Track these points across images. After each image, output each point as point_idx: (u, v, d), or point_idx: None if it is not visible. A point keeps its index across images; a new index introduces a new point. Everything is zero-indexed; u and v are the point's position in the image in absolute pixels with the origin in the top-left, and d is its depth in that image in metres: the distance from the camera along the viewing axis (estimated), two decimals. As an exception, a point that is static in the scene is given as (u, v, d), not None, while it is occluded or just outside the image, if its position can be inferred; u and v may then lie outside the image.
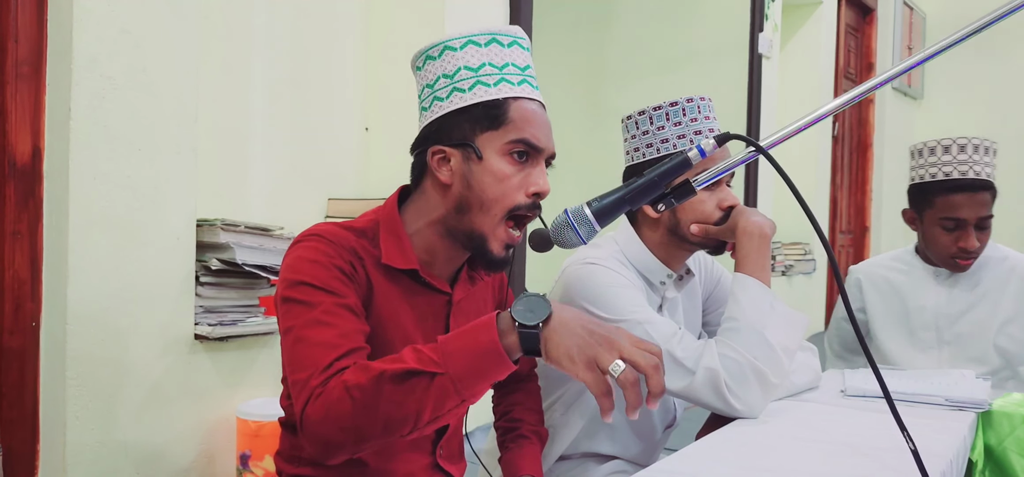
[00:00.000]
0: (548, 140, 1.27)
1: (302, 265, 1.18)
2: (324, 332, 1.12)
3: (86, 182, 1.83)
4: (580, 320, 1.06)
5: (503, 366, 1.05)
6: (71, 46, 1.80)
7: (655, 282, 1.66)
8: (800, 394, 1.70)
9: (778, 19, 5.03)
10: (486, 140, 1.23)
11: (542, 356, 1.05)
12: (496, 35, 1.25)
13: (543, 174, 1.26)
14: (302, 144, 2.67)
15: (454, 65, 1.24)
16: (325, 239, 1.20)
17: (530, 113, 1.25)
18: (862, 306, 2.29)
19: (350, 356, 1.11)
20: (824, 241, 0.98)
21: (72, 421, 1.83)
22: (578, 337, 1.03)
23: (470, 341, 1.05)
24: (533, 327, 1.04)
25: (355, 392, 1.05)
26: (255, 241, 2.19)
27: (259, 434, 2.13)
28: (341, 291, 1.17)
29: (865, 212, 6.78)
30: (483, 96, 1.23)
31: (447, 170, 1.25)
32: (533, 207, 1.26)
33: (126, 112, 1.90)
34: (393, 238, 1.27)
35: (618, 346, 1.02)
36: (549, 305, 1.05)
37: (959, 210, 2.07)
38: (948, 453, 1.30)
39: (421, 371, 1.04)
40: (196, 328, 2.08)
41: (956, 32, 1.00)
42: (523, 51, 1.29)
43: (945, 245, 2.11)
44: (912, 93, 7.38)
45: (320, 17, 2.74)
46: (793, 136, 1.10)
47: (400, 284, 1.26)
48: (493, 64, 1.24)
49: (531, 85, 1.28)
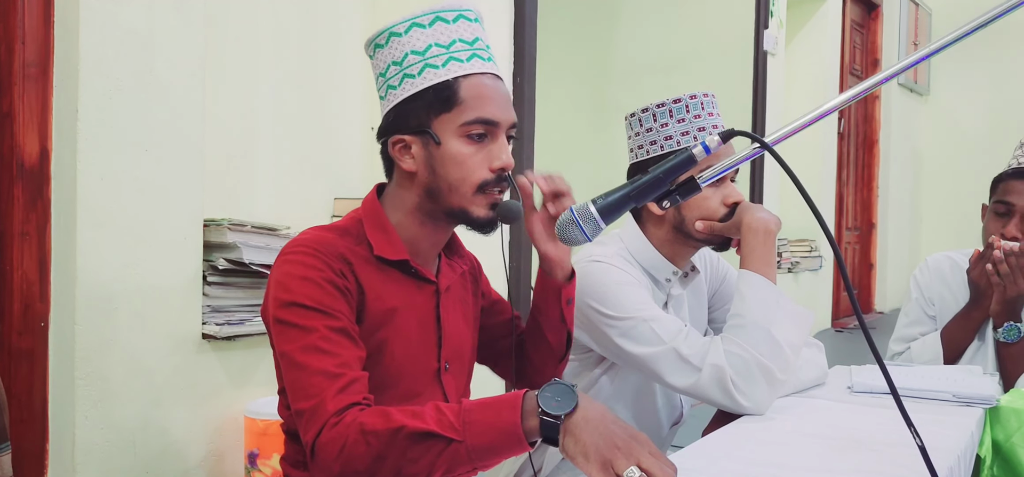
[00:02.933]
0: (504, 112, 1.26)
1: (293, 283, 1.18)
2: (323, 360, 1.13)
3: (94, 183, 1.84)
4: (604, 420, 1.05)
5: (520, 446, 1.06)
6: (78, 47, 1.81)
7: (660, 279, 1.66)
8: (807, 390, 1.70)
9: (783, 16, 5.02)
10: (441, 123, 1.23)
11: (559, 447, 1.05)
12: (439, 13, 1.24)
13: (505, 148, 1.26)
14: (308, 144, 2.67)
15: (401, 51, 1.24)
16: (312, 250, 1.20)
17: (482, 88, 1.24)
18: (931, 297, 2.17)
19: (353, 386, 1.13)
20: (830, 238, 0.98)
21: (81, 420, 1.84)
22: (599, 436, 1.03)
23: (492, 416, 1.06)
24: (555, 418, 1.04)
25: (371, 439, 1.07)
26: (262, 240, 2.20)
27: (267, 433, 2.14)
28: (335, 310, 1.17)
29: (871, 208, 6.76)
30: (432, 79, 1.22)
31: (409, 158, 1.26)
32: (500, 181, 1.26)
33: (133, 113, 1.90)
34: (380, 231, 1.27)
35: (637, 454, 1.01)
36: (576, 398, 1.05)
37: (1010, 194, 2.00)
38: (956, 449, 1.30)
39: (439, 435, 1.06)
40: (203, 327, 2.09)
41: (961, 27, 1.00)
42: (470, 23, 1.27)
43: (992, 230, 2.03)
44: (918, 89, 7.36)
45: (325, 17, 2.74)
46: (798, 132, 1.10)
47: (390, 277, 1.27)
48: (439, 44, 1.23)
49: (481, 58, 1.26)
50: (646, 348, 1.49)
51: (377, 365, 1.24)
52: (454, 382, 1.37)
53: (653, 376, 1.52)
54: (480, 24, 1.29)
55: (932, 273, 2.18)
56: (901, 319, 2.21)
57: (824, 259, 5.66)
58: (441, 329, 1.33)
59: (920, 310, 2.17)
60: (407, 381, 1.28)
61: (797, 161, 5.25)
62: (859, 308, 0.98)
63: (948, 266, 2.17)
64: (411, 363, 1.29)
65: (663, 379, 1.50)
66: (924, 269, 2.20)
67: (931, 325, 2.14)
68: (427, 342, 1.31)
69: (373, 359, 1.23)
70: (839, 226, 6.31)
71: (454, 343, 1.36)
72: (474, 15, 1.28)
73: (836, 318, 6.06)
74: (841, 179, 6.23)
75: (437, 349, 1.33)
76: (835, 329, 5.80)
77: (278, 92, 2.58)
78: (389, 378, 1.26)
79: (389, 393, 1.24)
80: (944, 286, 2.15)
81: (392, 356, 1.26)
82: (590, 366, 1.67)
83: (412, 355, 1.29)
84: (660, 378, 1.51)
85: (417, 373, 1.30)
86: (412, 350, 1.29)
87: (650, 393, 1.70)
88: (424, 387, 1.31)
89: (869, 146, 6.73)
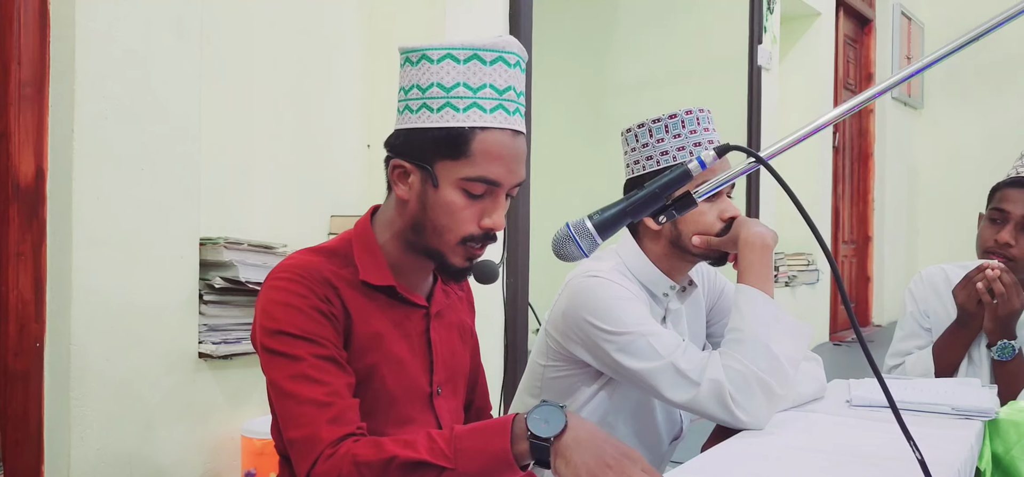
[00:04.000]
0: (510, 175, 1.21)
1: (278, 311, 1.17)
2: (313, 389, 1.13)
3: (89, 202, 1.84)
4: (594, 439, 1.05)
5: (511, 471, 1.07)
6: (74, 67, 1.81)
7: (658, 294, 1.66)
8: (805, 405, 1.69)
9: (777, 31, 5.04)
10: (444, 168, 1.19)
11: (550, 469, 1.05)
12: (478, 51, 1.18)
13: (500, 208, 1.22)
14: (304, 161, 2.67)
15: (428, 79, 1.19)
16: (297, 276, 1.19)
17: (496, 146, 1.18)
18: (926, 310, 2.16)
19: (346, 416, 1.13)
20: (826, 251, 0.98)
21: (76, 441, 1.83)
22: (590, 456, 1.03)
23: (483, 442, 1.07)
24: (545, 440, 1.05)
25: (364, 470, 1.07)
26: (258, 259, 2.20)
27: (264, 452, 2.13)
28: (321, 337, 1.16)
29: (867, 222, 6.78)
30: (450, 121, 1.18)
31: (405, 186, 1.23)
32: (485, 238, 1.24)
33: (129, 132, 1.90)
34: (368, 255, 1.26)
35: (629, 472, 1.02)
36: (565, 419, 1.06)
37: (1006, 202, 1.99)
38: (955, 462, 1.29)
39: (431, 463, 1.06)
40: (200, 346, 2.08)
41: (953, 41, 1.01)
42: (508, 69, 1.20)
43: (985, 238, 2.02)
44: (912, 103, 7.39)
45: (321, 35, 2.75)
46: (793, 146, 1.10)
47: (377, 302, 1.26)
48: (468, 86, 1.18)
49: (507, 111, 1.20)
50: (644, 363, 1.49)
51: (367, 390, 1.23)
52: (447, 406, 1.35)
53: (651, 391, 1.52)
54: (519, 69, 1.22)
55: (926, 285, 2.17)
56: (896, 333, 2.21)
57: (821, 273, 5.66)
58: (432, 353, 1.32)
59: (915, 323, 2.16)
60: (399, 406, 1.27)
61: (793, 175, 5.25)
62: (857, 322, 0.98)
63: (941, 278, 2.15)
64: (402, 388, 1.28)
65: (661, 394, 1.50)
66: (918, 281, 2.19)
67: (927, 338, 2.13)
68: (418, 366, 1.30)
69: (363, 384, 1.22)
70: (835, 240, 6.32)
71: (447, 367, 1.35)
72: (515, 60, 1.21)
73: (834, 332, 6.06)
74: (837, 193, 6.24)
75: (429, 374, 1.31)
76: (833, 343, 5.80)
77: (275, 110, 2.58)
78: (380, 403, 1.25)
79: (381, 418, 1.24)
80: (937, 299, 2.14)
81: (382, 380, 1.25)
82: (588, 381, 1.66)
83: (403, 380, 1.28)
84: (658, 393, 1.50)
85: (409, 398, 1.29)
86: (403, 374, 1.28)
87: (650, 408, 1.69)
88: (417, 412, 1.29)
89: (864, 160, 6.75)
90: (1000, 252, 1.98)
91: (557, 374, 1.66)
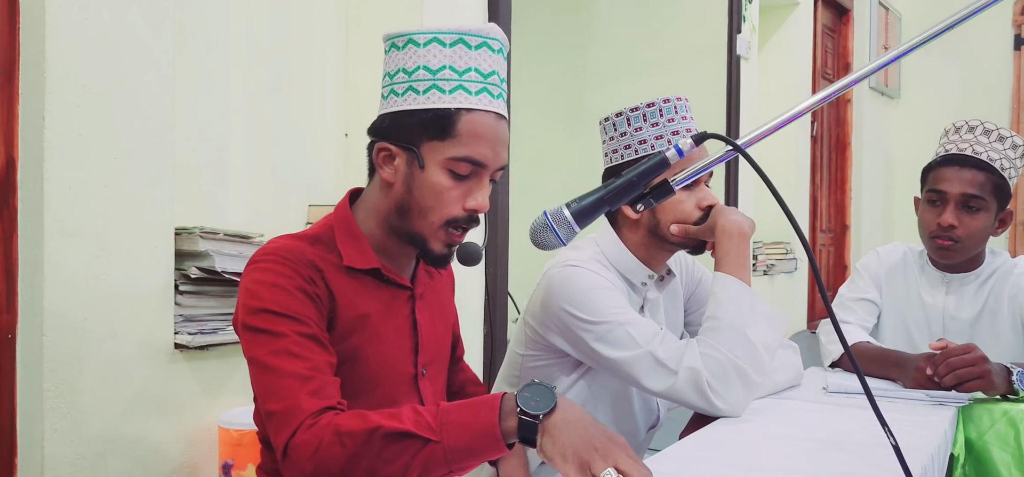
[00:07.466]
0: (496, 156, 1.24)
1: (262, 290, 1.17)
2: (294, 363, 1.13)
3: (61, 192, 1.81)
4: (582, 422, 1.05)
5: (498, 448, 1.06)
6: (45, 55, 1.78)
7: (636, 283, 1.66)
8: (782, 392, 1.71)
9: (755, 21, 5.06)
10: (430, 149, 1.21)
11: (536, 448, 1.05)
12: (463, 35, 1.22)
13: (484, 190, 1.25)
14: (281, 151, 2.65)
15: (414, 62, 1.22)
16: (281, 258, 1.19)
17: (482, 127, 1.21)
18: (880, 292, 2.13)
19: (326, 390, 1.12)
20: (803, 240, 0.98)
21: (50, 433, 1.81)
22: (577, 437, 1.03)
23: (470, 417, 1.06)
24: (534, 417, 1.04)
25: (347, 440, 1.06)
26: (235, 248, 2.18)
27: (241, 443, 2.11)
28: (305, 316, 1.17)
29: (845, 211, 6.83)
30: (436, 102, 1.20)
31: (391, 169, 1.25)
32: (470, 220, 1.25)
33: (102, 120, 1.88)
34: (351, 239, 1.27)
35: (614, 456, 1.01)
36: (555, 399, 1.06)
37: (942, 182, 1.94)
38: (929, 448, 1.31)
39: (416, 435, 1.05)
40: (176, 337, 2.06)
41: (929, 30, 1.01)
42: (492, 54, 1.24)
43: (927, 222, 1.97)
44: (889, 92, 7.45)
45: (298, 24, 2.72)
46: (770, 134, 1.10)
47: (363, 284, 1.26)
48: (454, 68, 1.21)
49: (491, 94, 1.23)
50: (622, 352, 1.49)
51: (352, 371, 1.23)
52: (431, 387, 1.36)
53: (629, 380, 1.52)
54: (502, 56, 1.26)
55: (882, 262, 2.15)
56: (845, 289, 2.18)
57: (799, 261, 5.70)
58: (417, 334, 1.32)
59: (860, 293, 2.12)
60: (384, 387, 1.28)
61: (770, 164, 5.30)
62: (833, 310, 0.99)
63: (899, 255, 2.14)
64: (387, 369, 1.28)
65: (639, 383, 1.50)
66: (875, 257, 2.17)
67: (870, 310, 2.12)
68: (403, 347, 1.31)
69: (348, 366, 1.23)
70: (813, 229, 6.36)
71: (431, 348, 1.36)
72: (499, 46, 1.25)
73: (811, 320, 6.11)
74: (815, 182, 6.28)
75: (413, 355, 1.32)
76: (810, 331, 5.84)
77: (251, 99, 2.56)
78: (365, 384, 1.25)
79: (366, 399, 1.24)
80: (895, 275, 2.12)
81: (367, 362, 1.25)
82: (567, 370, 1.67)
83: (388, 361, 1.28)
84: (636, 382, 1.51)
85: (394, 379, 1.29)
86: (388, 356, 1.28)
87: (627, 397, 1.70)
88: (401, 393, 1.30)
89: (842, 149, 6.80)
90: (945, 236, 1.94)
91: (536, 363, 1.67)
